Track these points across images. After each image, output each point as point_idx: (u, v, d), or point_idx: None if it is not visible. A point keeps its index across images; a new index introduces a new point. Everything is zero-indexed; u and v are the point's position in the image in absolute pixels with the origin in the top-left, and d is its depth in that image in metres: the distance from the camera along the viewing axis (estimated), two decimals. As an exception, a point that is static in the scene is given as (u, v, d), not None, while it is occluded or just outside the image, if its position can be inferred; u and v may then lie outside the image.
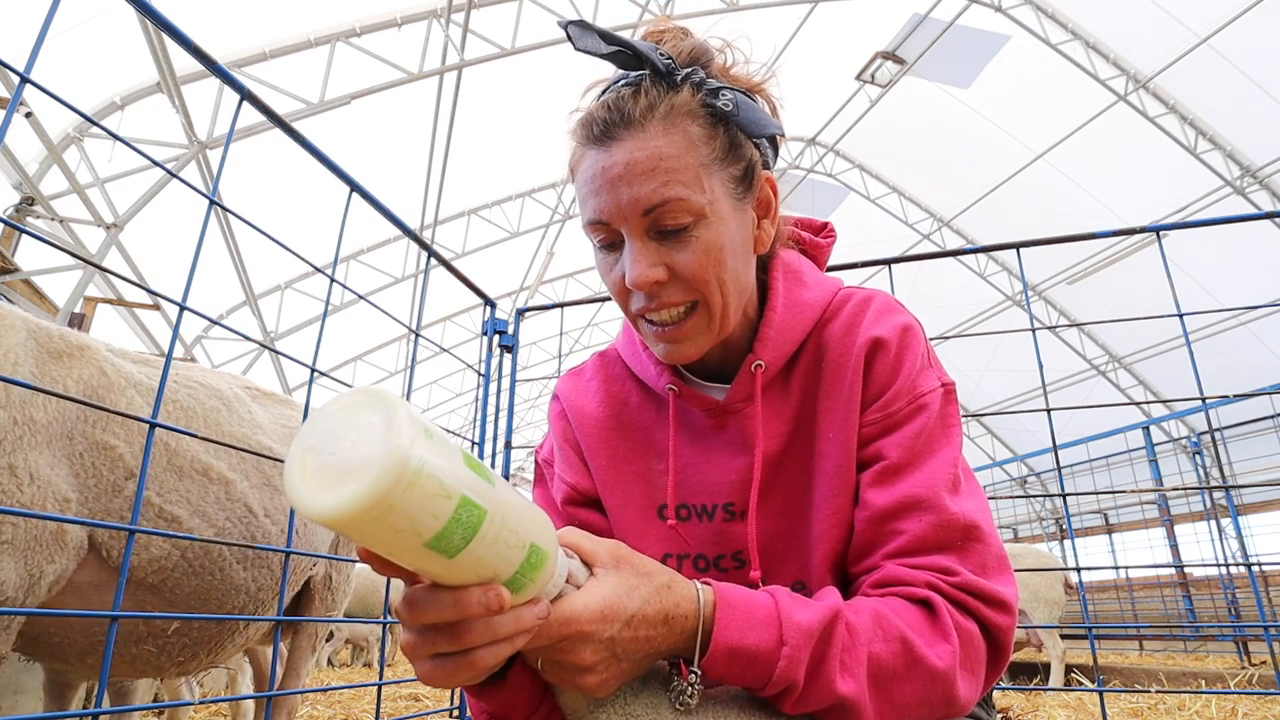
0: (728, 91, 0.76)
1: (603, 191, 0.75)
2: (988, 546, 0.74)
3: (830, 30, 9.32)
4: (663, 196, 0.73)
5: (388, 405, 0.45)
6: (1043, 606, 5.57)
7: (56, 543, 1.49)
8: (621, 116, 0.74)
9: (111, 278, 6.74)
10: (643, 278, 0.75)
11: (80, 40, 5.78)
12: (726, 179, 0.77)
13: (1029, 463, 16.21)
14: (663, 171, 0.73)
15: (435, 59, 7.30)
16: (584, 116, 0.78)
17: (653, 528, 0.88)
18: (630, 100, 0.74)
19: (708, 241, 0.75)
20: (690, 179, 0.74)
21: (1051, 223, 10.36)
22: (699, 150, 0.75)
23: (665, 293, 0.77)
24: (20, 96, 1.10)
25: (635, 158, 0.73)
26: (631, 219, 0.74)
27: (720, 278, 0.77)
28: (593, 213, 0.76)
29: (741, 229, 0.80)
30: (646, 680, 0.70)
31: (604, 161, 0.74)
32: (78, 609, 1.60)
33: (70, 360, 1.66)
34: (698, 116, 0.75)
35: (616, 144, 0.74)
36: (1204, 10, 8.19)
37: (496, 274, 11.42)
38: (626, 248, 0.76)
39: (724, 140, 0.77)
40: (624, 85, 0.77)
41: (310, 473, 0.44)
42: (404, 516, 0.44)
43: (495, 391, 2.77)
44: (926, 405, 0.79)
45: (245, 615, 1.76)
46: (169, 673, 1.99)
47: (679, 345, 0.80)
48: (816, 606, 0.67)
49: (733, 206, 0.78)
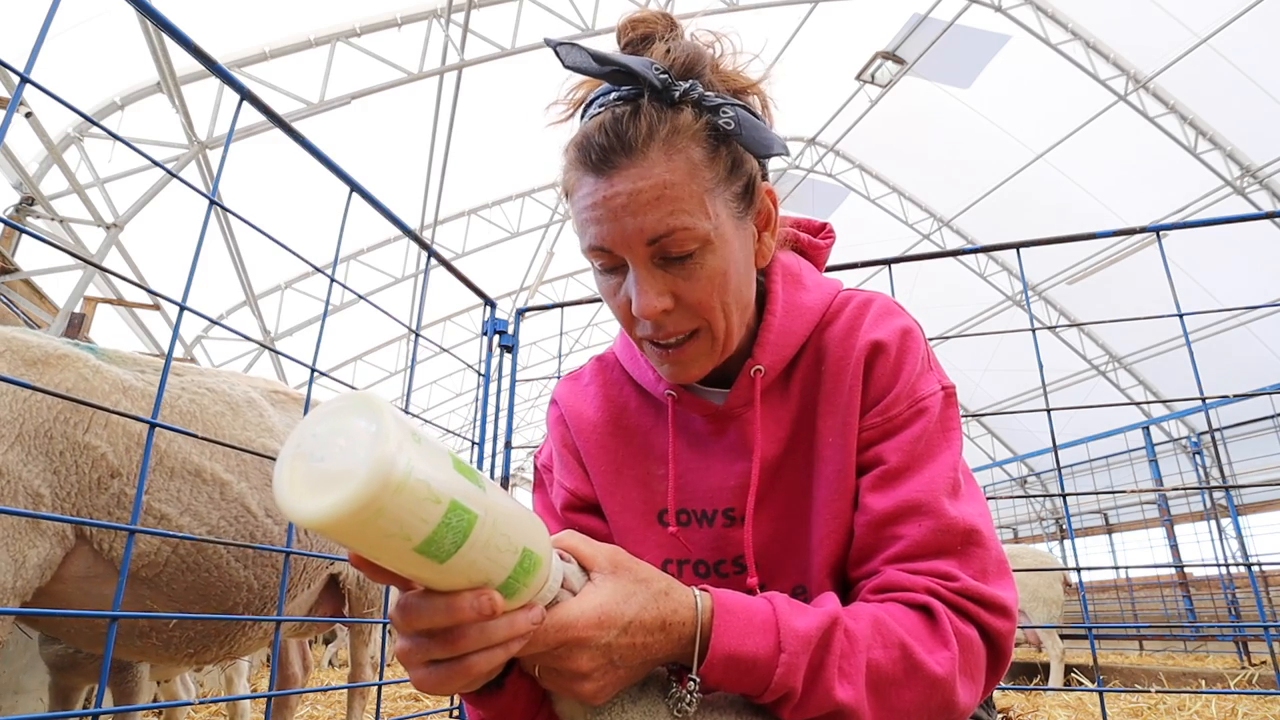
0: (728, 108, 0.73)
1: (605, 220, 0.72)
2: (987, 551, 0.74)
3: (830, 30, 9.31)
4: (668, 226, 0.71)
5: (375, 410, 0.45)
6: (1041, 606, 5.57)
7: (34, 529, 1.58)
8: (621, 143, 0.70)
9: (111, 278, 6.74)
10: (650, 308, 0.73)
11: (80, 40, 5.78)
12: (729, 198, 0.75)
13: (1029, 463, 16.20)
14: (667, 200, 0.70)
15: (435, 59, 7.30)
16: (580, 139, 0.73)
17: (652, 533, 0.87)
18: (629, 124, 0.70)
19: (712, 268, 0.74)
20: (694, 206, 0.71)
21: (1051, 223, 10.35)
22: (702, 175, 0.72)
23: (671, 321, 0.76)
24: (20, 96, 1.10)
25: (639, 187, 0.70)
26: (636, 248, 0.72)
27: (724, 302, 0.76)
28: (595, 239, 0.74)
29: (744, 247, 0.79)
30: (644, 687, 0.69)
31: (605, 191, 0.71)
32: (75, 597, 1.69)
33: (47, 367, 1.71)
34: (700, 139, 0.72)
35: (617, 173, 0.71)
36: (1204, 10, 8.19)
37: (496, 274, 11.42)
38: (632, 276, 0.74)
39: (726, 160, 0.74)
40: (619, 103, 0.72)
41: (299, 477, 0.44)
42: (393, 521, 0.44)
43: (495, 392, 2.77)
44: (926, 409, 0.79)
45: (245, 615, 1.76)
46: (181, 663, 2.08)
47: (683, 367, 0.80)
48: (815, 613, 0.67)
49: (735, 226, 0.77)
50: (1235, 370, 10.75)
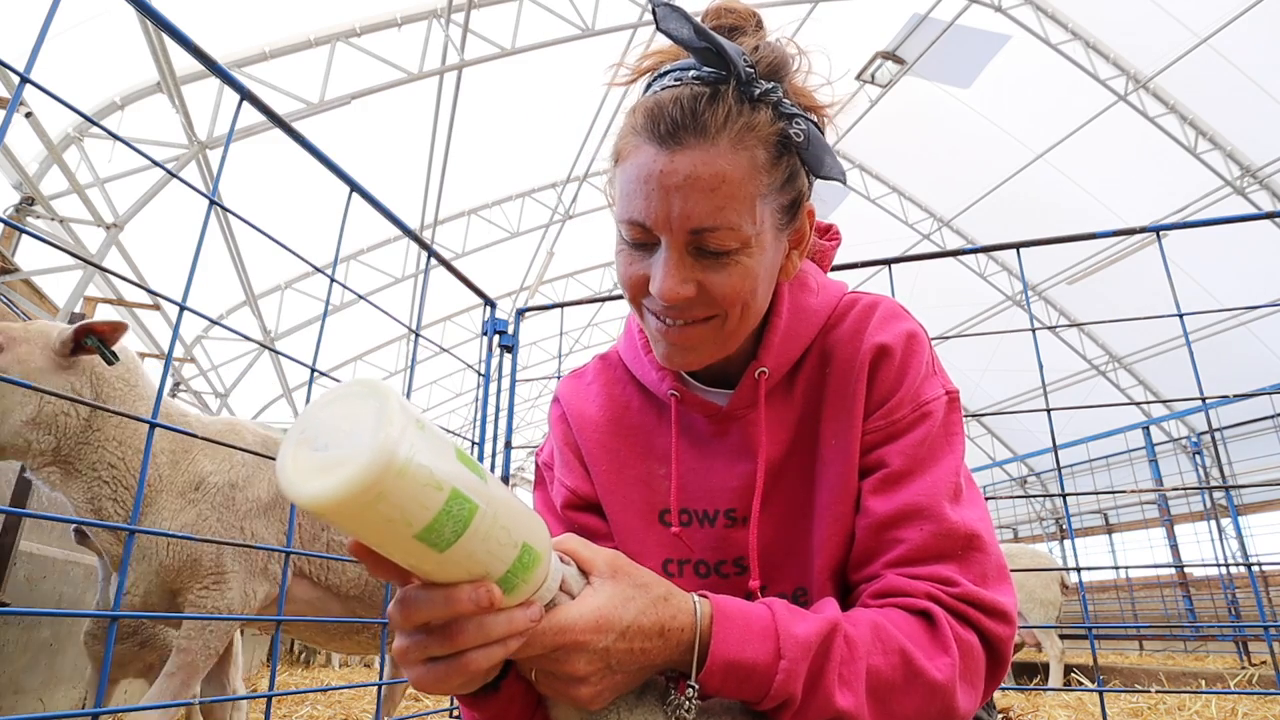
0: (801, 120, 0.73)
1: (654, 196, 0.70)
2: (988, 556, 0.74)
3: (830, 30, 9.31)
4: (715, 222, 0.70)
5: (380, 396, 0.45)
6: (1038, 607, 5.57)
7: (262, 575, 2.27)
8: (695, 122, 0.69)
9: (111, 278, 6.74)
10: (673, 293, 0.72)
11: (80, 40, 5.78)
12: (776, 208, 0.75)
13: (1029, 463, 16.20)
14: (722, 195, 0.69)
15: (435, 59, 7.30)
16: (652, 105, 0.72)
17: (653, 533, 0.87)
18: (707, 105, 0.70)
19: (746, 269, 0.73)
20: (745, 207, 0.71)
21: (1051, 223, 10.34)
22: (760, 178, 0.71)
23: (689, 309, 0.75)
24: (20, 96, 1.10)
25: (699, 172, 0.69)
26: (677, 233, 0.71)
27: (746, 303, 0.75)
28: (636, 213, 0.72)
29: (775, 258, 0.78)
30: (641, 695, 0.69)
31: (663, 164, 0.70)
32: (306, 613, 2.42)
33: None
34: (768, 143, 0.72)
35: (681, 150, 0.69)
36: (1204, 10, 8.18)
37: (496, 274, 11.41)
38: (661, 256, 0.73)
39: (785, 170, 0.74)
40: (698, 82, 0.71)
41: (302, 460, 0.44)
42: (394, 506, 0.44)
43: (495, 391, 2.77)
44: (930, 413, 0.79)
45: (245, 616, 1.76)
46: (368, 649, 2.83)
47: (683, 351, 0.78)
48: (814, 619, 0.67)
49: (774, 236, 0.76)
50: (1235, 370, 10.75)
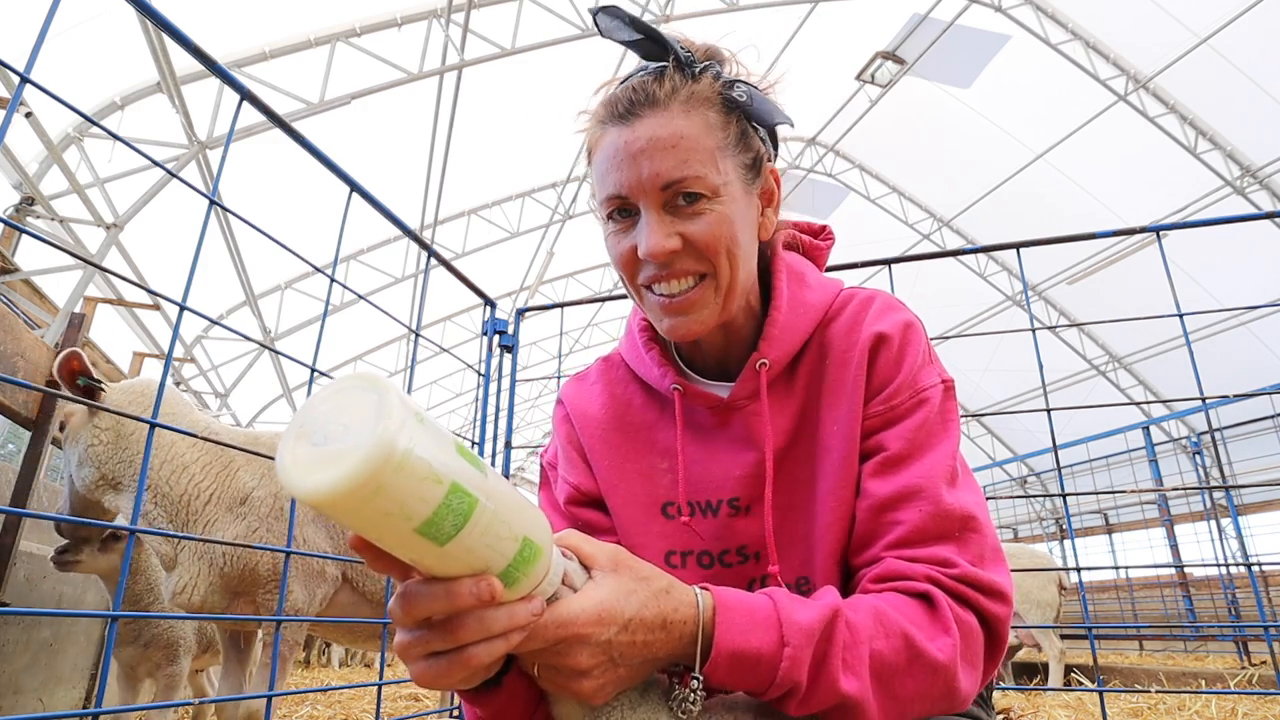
0: (741, 84, 0.81)
1: (624, 165, 0.78)
2: (984, 537, 0.76)
3: (830, 30, 9.31)
4: (682, 173, 0.77)
5: (380, 389, 0.45)
6: (1036, 609, 5.56)
7: (320, 576, 2.41)
8: (646, 96, 0.79)
9: (111, 278, 6.74)
10: (659, 247, 0.77)
11: (80, 40, 5.78)
12: (738, 165, 0.81)
13: (1029, 463, 16.20)
14: (683, 149, 0.77)
15: (435, 59, 7.30)
16: (607, 97, 0.82)
17: (655, 525, 0.89)
18: (654, 83, 0.79)
19: (721, 214, 0.79)
20: (707, 159, 0.78)
21: (1051, 223, 10.34)
22: (715, 134, 0.79)
23: (678, 261, 0.79)
24: (20, 96, 1.10)
25: (658, 134, 0.77)
26: (651, 192, 0.78)
27: (731, 250, 0.80)
28: (613, 187, 0.79)
29: (749, 212, 0.84)
30: (646, 691, 0.69)
31: (626, 136, 0.78)
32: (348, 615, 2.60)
33: None
34: (714, 104, 0.80)
35: (639, 120, 0.78)
36: (1204, 10, 8.19)
37: (496, 274, 11.41)
38: (642, 220, 0.79)
39: (736, 129, 0.81)
40: (646, 74, 0.81)
41: (302, 453, 0.44)
42: (393, 499, 0.44)
43: (495, 391, 2.77)
44: (927, 399, 0.81)
45: (245, 615, 1.76)
46: None
47: (686, 318, 0.81)
48: (816, 606, 0.67)
49: (743, 190, 0.82)
50: (1235, 370, 10.74)
